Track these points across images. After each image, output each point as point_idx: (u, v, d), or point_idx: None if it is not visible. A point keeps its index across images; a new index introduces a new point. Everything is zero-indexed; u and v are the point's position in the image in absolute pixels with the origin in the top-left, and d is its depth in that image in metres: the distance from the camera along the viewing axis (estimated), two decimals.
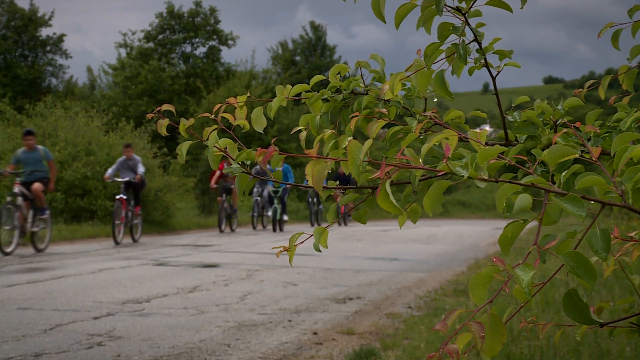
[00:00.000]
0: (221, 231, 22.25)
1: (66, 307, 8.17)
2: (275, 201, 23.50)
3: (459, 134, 1.58)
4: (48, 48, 43.71)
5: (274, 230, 23.08)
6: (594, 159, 1.66)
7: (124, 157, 18.54)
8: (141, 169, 18.21)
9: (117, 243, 17.14)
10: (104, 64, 55.48)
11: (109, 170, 18.21)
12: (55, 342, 6.44)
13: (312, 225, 26.84)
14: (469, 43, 1.99)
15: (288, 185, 20.60)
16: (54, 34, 43.96)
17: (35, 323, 7.23)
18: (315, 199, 27.81)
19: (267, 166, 1.77)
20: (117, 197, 17.84)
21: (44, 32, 44.17)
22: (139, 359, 5.95)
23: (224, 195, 22.56)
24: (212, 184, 22.99)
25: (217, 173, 22.90)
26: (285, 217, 24.33)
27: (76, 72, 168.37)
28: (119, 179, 17.97)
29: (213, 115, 2.08)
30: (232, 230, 23.00)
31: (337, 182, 2.04)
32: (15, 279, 10.57)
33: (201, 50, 45.11)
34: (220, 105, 2.12)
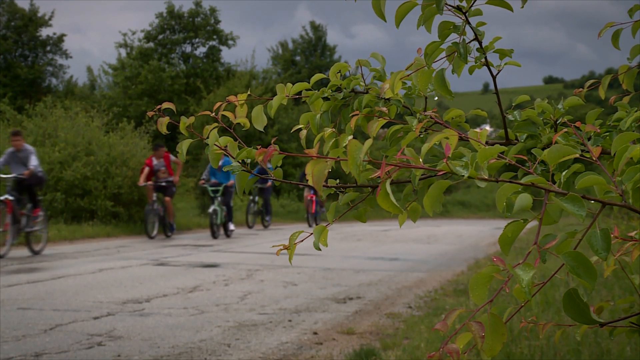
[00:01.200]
0: (151, 237, 19.01)
1: (66, 307, 8.16)
2: (216, 202, 19.77)
3: (459, 134, 1.58)
4: (48, 48, 43.68)
5: (214, 236, 19.40)
6: (594, 158, 1.66)
7: (12, 148, 14.90)
8: (34, 162, 14.64)
9: None
10: (104, 64, 55.44)
11: None
12: (55, 342, 6.44)
13: (250, 227, 23.98)
14: (470, 42, 1.99)
15: (231, 186, 18.26)
16: (54, 34, 43.92)
17: (35, 323, 7.23)
18: (256, 198, 24.41)
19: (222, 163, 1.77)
20: (1, 198, 14.30)
21: (44, 32, 44.09)
22: (139, 359, 5.95)
23: (154, 195, 19.66)
24: (141, 181, 19.73)
25: (146, 170, 19.81)
26: (232, 227, 20.51)
27: (76, 72, 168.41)
28: (5, 176, 14.58)
29: (213, 114, 2.08)
30: (168, 236, 19.68)
31: (338, 181, 2.04)
32: (16, 279, 10.57)
33: (201, 50, 45.09)
34: (221, 103, 2.12)
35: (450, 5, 1.92)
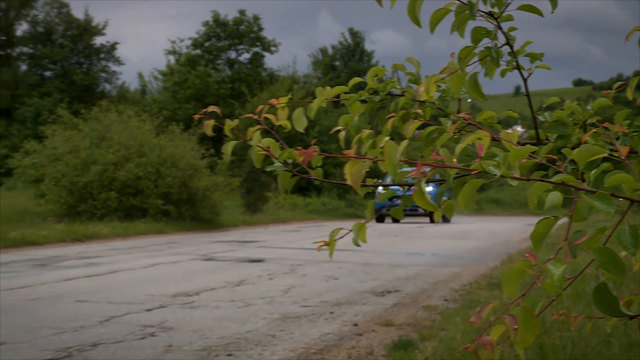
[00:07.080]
0: None
1: (120, 299, 8.24)
2: None
3: (491, 134, 1.57)
4: (102, 55, 44.20)
5: None
6: (622, 157, 1.63)
7: None
8: None
9: None
10: (154, 70, 55.95)
11: None
12: (110, 333, 6.50)
13: None
14: (501, 46, 1.97)
15: None
16: (107, 42, 44.47)
17: (91, 315, 7.31)
18: None
19: None
20: None
21: (98, 40, 44.62)
22: (189, 349, 5.98)
23: None
24: None
25: None
26: None
27: (127, 79, 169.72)
28: None
29: (256, 116, 2.09)
30: None
31: (376, 180, 2.03)
32: (73, 273, 10.70)
33: (245, 57, 45.33)
34: (263, 106, 2.13)
35: (482, 11, 1.91)
